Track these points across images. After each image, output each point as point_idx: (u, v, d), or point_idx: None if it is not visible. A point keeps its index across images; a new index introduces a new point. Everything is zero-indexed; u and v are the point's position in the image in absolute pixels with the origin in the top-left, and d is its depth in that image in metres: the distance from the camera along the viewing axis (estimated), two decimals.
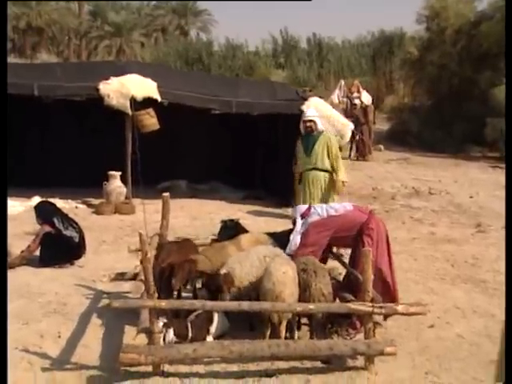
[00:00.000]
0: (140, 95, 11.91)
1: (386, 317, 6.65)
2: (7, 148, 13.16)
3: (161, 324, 6.04)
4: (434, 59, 23.67)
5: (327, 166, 9.93)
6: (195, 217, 12.17)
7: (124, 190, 12.43)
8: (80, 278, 8.40)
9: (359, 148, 20.44)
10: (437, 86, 23.93)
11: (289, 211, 12.55)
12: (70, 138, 13.82)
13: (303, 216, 7.22)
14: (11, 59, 44.59)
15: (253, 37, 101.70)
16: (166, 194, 7.74)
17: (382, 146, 22.46)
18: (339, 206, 7.20)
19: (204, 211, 12.73)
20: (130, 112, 11.91)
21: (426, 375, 5.98)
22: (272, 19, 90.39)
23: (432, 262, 9.38)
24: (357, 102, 20.99)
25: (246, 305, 5.94)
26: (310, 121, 10.08)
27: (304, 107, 12.29)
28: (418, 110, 25.09)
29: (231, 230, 7.74)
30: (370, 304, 5.91)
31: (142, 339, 6.13)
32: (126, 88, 11.86)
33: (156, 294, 5.90)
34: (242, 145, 14.48)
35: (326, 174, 9.98)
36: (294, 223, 7.33)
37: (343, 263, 7.33)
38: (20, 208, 11.89)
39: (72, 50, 64.94)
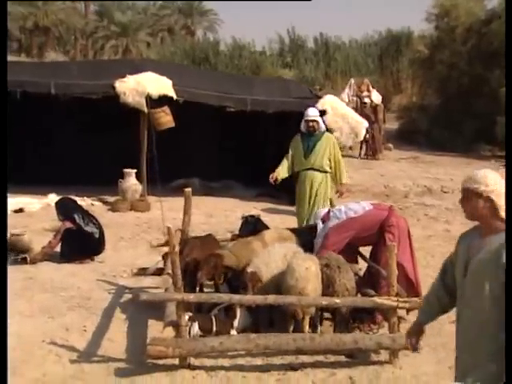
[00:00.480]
0: (156, 93, 11.97)
1: (408, 311, 6.69)
2: (22, 147, 13.38)
3: (186, 318, 6.09)
4: (443, 58, 23.65)
5: (326, 167, 9.46)
6: (210, 214, 12.23)
7: (139, 187, 12.51)
8: (101, 273, 8.48)
9: (369, 147, 20.44)
10: (446, 84, 23.90)
11: None
12: (84, 135, 13.83)
13: (323, 220, 7.26)
14: (20, 59, 44.69)
15: (259, 37, 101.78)
16: (188, 190, 7.80)
17: (391, 145, 22.43)
18: (358, 207, 7.17)
19: (218, 208, 12.80)
20: (145, 110, 11.97)
21: (450, 370, 5.99)
22: (278, 19, 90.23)
23: None
24: (367, 100, 21.00)
25: (272, 298, 5.99)
26: (313, 121, 9.58)
27: (318, 105, 12.37)
28: (427, 109, 25.05)
29: (252, 226, 7.80)
30: (395, 298, 5.96)
31: (168, 333, 6.17)
32: (141, 86, 11.92)
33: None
34: (254, 142, 14.48)
35: (324, 176, 9.51)
36: (314, 228, 7.38)
37: (365, 258, 7.38)
38: (37, 205, 11.98)
39: (78, 50, 65.05)
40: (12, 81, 11.70)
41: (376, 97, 21.32)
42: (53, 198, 12.22)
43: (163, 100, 12.19)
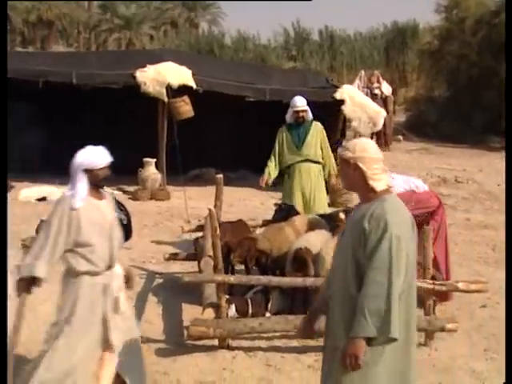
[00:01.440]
0: (176, 83, 12.03)
1: (441, 299, 6.74)
2: (42, 137, 13.44)
3: None
4: (453, 49, 23.66)
5: (319, 157, 8.97)
6: (230, 203, 12.25)
7: (159, 176, 12.58)
8: (130, 259, 8.56)
9: (379, 138, 20.48)
10: (455, 76, 23.92)
11: None
12: (104, 125, 13.84)
13: None
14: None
15: (264, 30, 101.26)
16: (220, 176, 7.91)
17: (401, 137, 22.49)
18: (420, 183, 7.17)
19: (236, 198, 12.86)
20: (166, 99, 12.04)
21: (484, 352, 6.13)
22: (283, 12, 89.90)
23: (472, 246, 9.48)
24: (377, 92, 21.06)
25: (310, 281, 6.07)
26: (303, 110, 8.91)
27: (336, 94, 12.47)
28: (436, 101, 25.10)
29: (285, 212, 7.86)
30: (431, 281, 6.02)
31: (207, 315, 6.26)
32: (162, 76, 11.99)
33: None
34: (270, 132, 14.46)
35: (319, 166, 9.00)
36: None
37: None
38: (58, 193, 12.03)
39: (82, 43, 65.10)
40: (34, 70, 11.90)
41: (386, 88, 21.39)
42: None
43: (182, 90, 12.25)
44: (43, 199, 11.77)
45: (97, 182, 4.53)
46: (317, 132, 9.05)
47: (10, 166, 12.08)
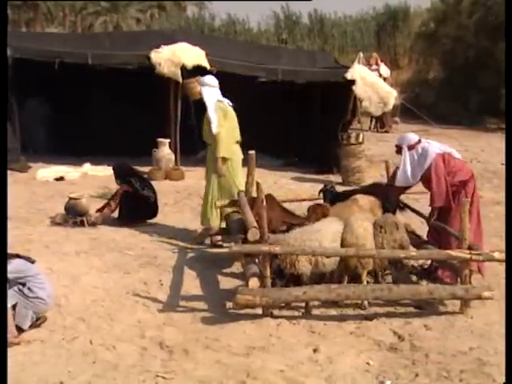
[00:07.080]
0: (190, 63, 12.12)
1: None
2: (56, 117, 13.51)
3: None
4: (449, 31, 23.80)
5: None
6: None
7: (173, 156, 12.69)
8: (158, 234, 8.75)
9: (379, 120, 20.69)
10: (451, 58, 24.08)
11: (331, 177, 12.97)
12: (117, 106, 13.90)
13: (410, 148, 7.19)
14: None
15: (253, 13, 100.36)
16: (252, 152, 8.05)
17: (398, 119, 22.65)
18: (456, 153, 7.30)
19: None
20: (180, 80, 12.13)
21: None
22: None
23: (488, 222, 9.66)
24: (376, 74, 21.18)
25: (342, 251, 6.28)
26: None
27: (347, 75, 12.61)
28: (432, 83, 25.28)
29: (331, 194, 8.04)
30: (468, 251, 6.24)
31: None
32: (176, 56, 12.07)
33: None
34: (278, 113, 14.57)
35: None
36: (398, 150, 7.34)
37: (423, 216, 7.61)
38: (75, 174, 12.19)
39: (67, 27, 64.45)
40: (50, 51, 11.97)
41: (385, 70, 21.57)
42: (88, 167, 12.53)
43: (196, 70, 12.31)
44: (61, 179, 11.88)
45: None
46: None
47: (25, 148, 12.38)
